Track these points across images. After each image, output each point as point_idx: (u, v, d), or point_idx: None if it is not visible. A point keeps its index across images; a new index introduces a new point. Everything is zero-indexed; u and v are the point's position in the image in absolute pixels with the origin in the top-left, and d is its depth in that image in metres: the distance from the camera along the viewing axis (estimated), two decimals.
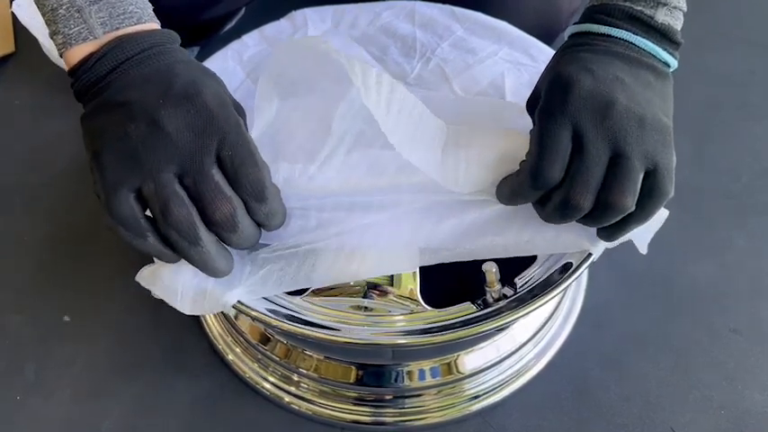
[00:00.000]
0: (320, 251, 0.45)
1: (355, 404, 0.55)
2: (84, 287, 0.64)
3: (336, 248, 0.45)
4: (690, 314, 0.61)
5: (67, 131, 0.77)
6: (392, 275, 0.48)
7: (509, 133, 0.45)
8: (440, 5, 0.62)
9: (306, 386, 0.56)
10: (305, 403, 0.55)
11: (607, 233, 0.43)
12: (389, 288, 0.48)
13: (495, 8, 0.62)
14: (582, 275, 0.61)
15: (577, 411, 0.55)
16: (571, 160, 0.40)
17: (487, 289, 0.46)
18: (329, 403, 0.55)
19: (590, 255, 0.47)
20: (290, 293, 0.48)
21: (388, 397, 0.55)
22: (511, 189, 0.43)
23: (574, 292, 0.61)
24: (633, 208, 0.40)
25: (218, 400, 0.56)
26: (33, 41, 0.77)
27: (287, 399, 0.56)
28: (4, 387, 0.57)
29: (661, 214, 0.45)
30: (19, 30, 0.84)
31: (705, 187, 0.71)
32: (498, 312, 0.46)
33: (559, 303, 0.59)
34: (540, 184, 0.40)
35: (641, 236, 0.45)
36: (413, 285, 0.47)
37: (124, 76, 0.40)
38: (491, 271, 0.46)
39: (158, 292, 0.44)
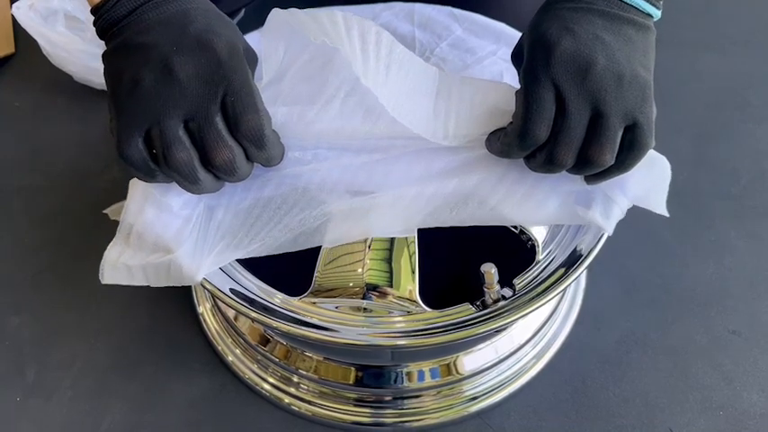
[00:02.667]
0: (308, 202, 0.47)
1: (355, 405, 0.55)
2: (84, 288, 0.64)
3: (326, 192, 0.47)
4: (689, 315, 0.61)
5: (67, 133, 0.77)
6: (392, 276, 0.48)
7: (497, 87, 0.46)
8: (439, 6, 0.62)
9: (305, 387, 0.56)
10: (304, 404, 0.55)
11: (590, 179, 0.46)
12: (389, 289, 0.48)
13: (493, 9, 0.62)
14: (581, 276, 0.61)
15: (576, 412, 0.55)
16: (554, 120, 0.42)
17: (486, 290, 0.46)
18: (329, 404, 0.55)
19: (585, 256, 0.47)
20: (289, 294, 0.48)
21: (387, 398, 0.55)
22: (500, 149, 0.45)
23: (573, 292, 0.61)
24: (613, 162, 0.43)
25: (218, 400, 0.57)
26: (33, 43, 0.77)
27: (286, 400, 0.56)
28: (4, 388, 0.57)
29: (664, 170, 0.48)
30: (19, 31, 0.84)
31: (705, 188, 0.71)
32: (497, 313, 0.46)
33: (558, 304, 0.59)
34: (527, 145, 0.43)
35: (655, 200, 0.48)
36: (412, 286, 0.47)
37: (142, 19, 0.43)
38: (490, 272, 0.46)
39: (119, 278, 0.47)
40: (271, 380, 0.56)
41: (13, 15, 0.77)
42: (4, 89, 0.83)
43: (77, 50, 0.75)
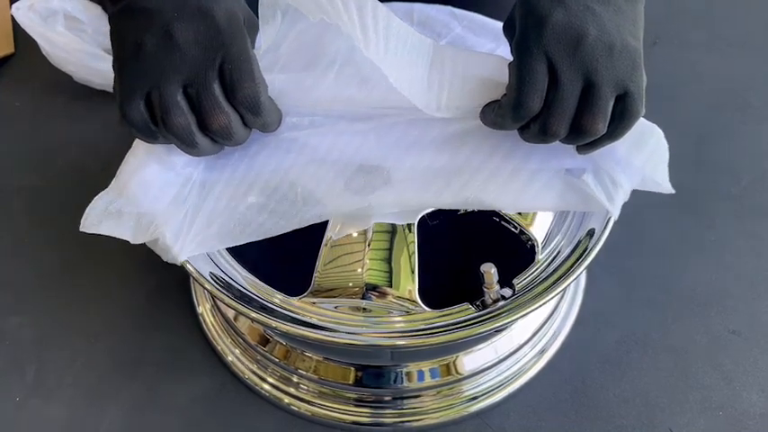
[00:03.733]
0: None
1: (354, 405, 0.55)
2: (85, 288, 0.64)
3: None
4: (689, 315, 0.61)
5: (67, 133, 0.77)
6: (391, 276, 0.48)
7: (491, 59, 0.47)
8: (439, 6, 0.62)
9: (305, 387, 0.56)
10: (304, 404, 0.55)
11: (581, 149, 0.47)
12: (388, 289, 0.48)
13: (492, 9, 0.62)
14: (581, 276, 0.61)
15: (576, 412, 0.55)
16: (547, 91, 0.43)
17: (486, 290, 0.46)
18: (328, 404, 0.55)
19: (585, 256, 0.47)
20: (289, 294, 0.48)
21: (387, 398, 0.55)
22: (493, 120, 0.46)
23: (572, 292, 0.61)
24: (605, 131, 0.44)
25: (218, 400, 0.57)
26: (33, 43, 0.77)
27: (286, 400, 0.56)
28: (4, 388, 0.58)
29: (660, 141, 0.49)
30: (18, 31, 0.84)
31: (705, 188, 0.70)
32: (497, 313, 0.46)
33: (558, 304, 0.59)
34: (520, 116, 0.44)
35: (659, 175, 0.49)
36: (411, 286, 0.47)
37: None
38: (489, 272, 0.46)
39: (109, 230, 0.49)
40: (270, 380, 0.56)
41: (12, 16, 0.77)
42: (3, 89, 0.83)
43: (77, 50, 0.75)
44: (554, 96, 0.43)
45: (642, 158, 0.48)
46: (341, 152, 0.49)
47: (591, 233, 0.50)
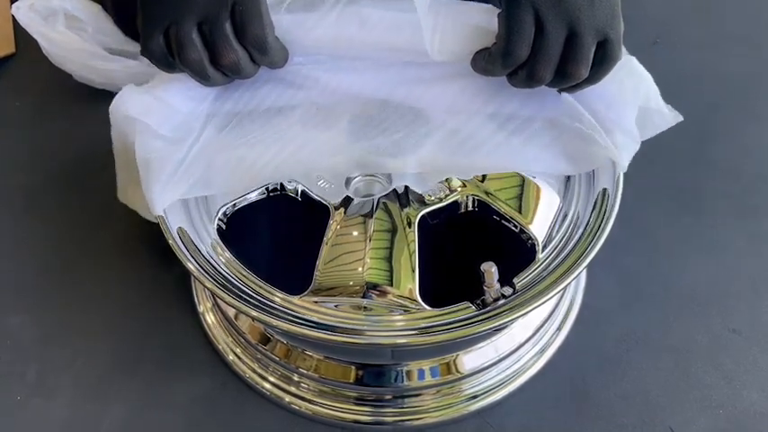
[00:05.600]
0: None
1: (355, 404, 0.55)
2: (85, 288, 0.64)
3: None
4: (689, 314, 0.61)
5: (67, 132, 0.78)
6: (392, 275, 0.48)
7: (482, 8, 0.50)
8: None
9: (306, 386, 0.56)
10: (305, 403, 0.55)
11: (564, 91, 0.50)
12: (389, 288, 0.48)
13: None
14: (581, 275, 0.61)
15: (576, 411, 0.55)
16: (534, 40, 0.46)
17: (486, 289, 0.46)
18: (329, 403, 0.55)
19: (585, 255, 0.47)
20: (289, 293, 0.48)
21: (387, 397, 0.55)
22: (484, 67, 0.49)
23: (573, 291, 0.61)
24: (587, 75, 0.47)
25: (219, 399, 0.57)
26: (33, 43, 0.77)
27: (287, 398, 0.56)
28: (5, 387, 0.58)
29: (636, 70, 0.51)
30: (19, 31, 0.84)
31: (706, 187, 0.71)
32: (497, 312, 0.46)
33: (558, 303, 0.59)
34: (509, 63, 0.47)
35: (653, 102, 0.52)
36: (412, 285, 0.47)
37: None
38: (490, 271, 0.46)
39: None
40: (271, 378, 0.57)
41: (12, 15, 0.77)
42: (4, 89, 0.83)
43: (77, 50, 0.75)
44: (540, 45, 0.46)
45: (629, 91, 0.51)
46: (339, 84, 0.53)
47: (591, 232, 0.50)
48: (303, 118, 0.53)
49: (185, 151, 0.51)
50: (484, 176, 0.53)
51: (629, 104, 0.50)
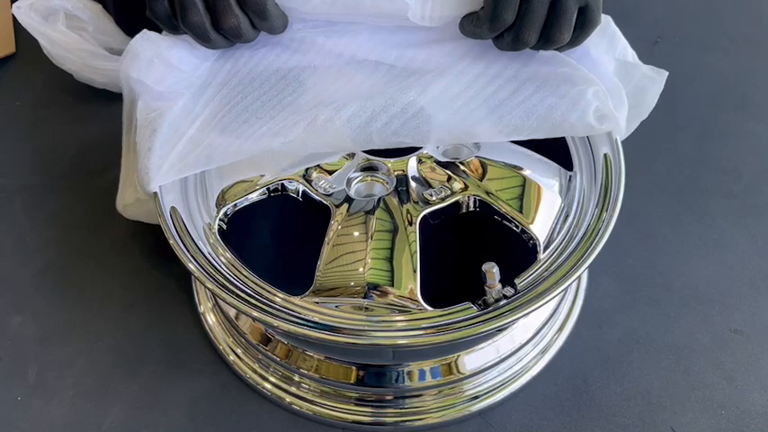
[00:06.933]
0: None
1: (356, 404, 0.55)
2: (85, 287, 0.64)
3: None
4: (691, 314, 0.61)
5: (68, 132, 0.77)
6: (393, 276, 0.48)
7: None
8: None
9: (306, 386, 0.56)
10: (305, 403, 0.55)
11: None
12: (390, 288, 0.48)
13: None
14: (582, 275, 0.61)
15: (578, 411, 0.55)
16: (519, 4, 0.49)
17: (488, 289, 0.46)
18: (330, 403, 0.55)
19: (586, 255, 0.46)
20: (290, 293, 0.48)
21: (388, 397, 0.55)
22: (472, 31, 0.52)
23: (574, 291, 0.61)
24: (569, 39, 0.51)
25: (219, 400, 0.57)
26: (34, 42, 0.77)
27: (288, 399, 0.56)
28: (6, 387, 0.57)
29: (610, 27, 0.56)
30: (19, 31, 0.84)
31: (707, 187, 0.70)
32: (499, 313, 0.46)
33: (559, 304, 0.59)
34: (496, 27, 0.50)
35: (630, 55, 0.56)
36: (413, 285, 0.47)
37: None
38: (491, 271, 0.46)
39: None
40: (272, 379, 0.56)
41: (13, 15, 0.77)
42: (4, 89, 0.83)
43: (78, 49, 0.75)
44: (526, 9, 0.49)
45: (604, 46, 0.55)
46: (334, 46, 0.56)
47: (593, 233, 0.50)
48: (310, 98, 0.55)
49: (187, 121, 0.53)
50: (483, 176, 0.53)
51: (608, 59, 0.55)
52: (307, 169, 0.54)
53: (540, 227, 0.51)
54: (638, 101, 0.56)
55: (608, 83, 0.53)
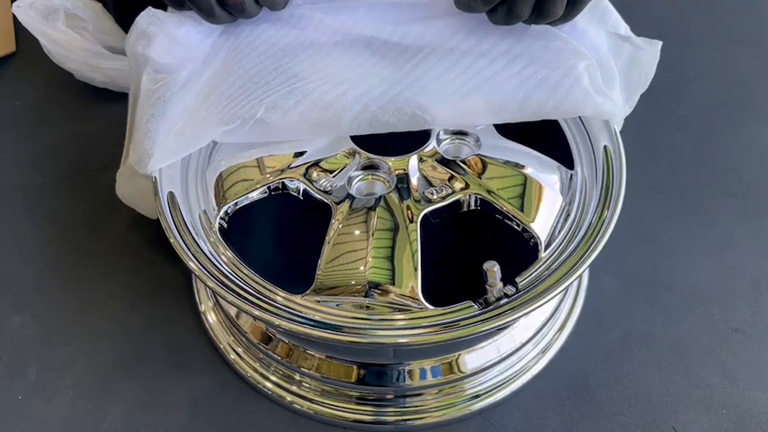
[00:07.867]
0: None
1: (357, 403, 0.55)
2: (85, 287, 0.64)
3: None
4: (692, 313, 0.60)
5: (68, 131, 0.77)
6: (394, 274, 0.48)
7: None
8: None
9: (307, 385, 0.56)
10: (307, 402, 0.55)
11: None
12: (391, 287, 0.48)
13: None
14: (583, 274, 0.61)
15: (578, 410, 0.55)
16: None
17: (489, 288, 0.46)
18: (331, 402, 0.55)
19: (587, 254, 0.46)
20: (291, 292, 0.48)
21: (389, 396, 0.55)
22: (466, 3, 0.52)
23: (575, 290, 0.61)
24: (562, 13, 0.50)
25: (220, 399, 0.56)
26: (34, 42, 0.77)
27: (288, 398, 0.56)
28: (6, 387, 0.57)
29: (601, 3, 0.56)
30: (19, 30, 0.84)
31: (708, 186, 0.70)
32: (500, 311, 0.46)
33: (560, 303, 0.59)
34: (490, 0, 0.50)
35: (622, 28, 0.57)
36: (414, 284, 0.47)
37: None
38: (492, 270, 0.45)
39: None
40: (273, 378, 0.56)
41: (13, 14, 0.77)
42: (5, 88, 0.83)
43: (78, 48, 0.75)
44: None
45: (597, 19, 0.55)
46: (332, 22, 0.57)
47: (594, 232, 0.50)
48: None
49: (189, 95, 0.54)
50: (483, 173, 0.53)
51: (600, 32, 0.55)
52: (307, 168, 0.54)
53: (541, 225, 0.51)
54: (635, 73, 0.57)
55: (599, 56, 0.54)
